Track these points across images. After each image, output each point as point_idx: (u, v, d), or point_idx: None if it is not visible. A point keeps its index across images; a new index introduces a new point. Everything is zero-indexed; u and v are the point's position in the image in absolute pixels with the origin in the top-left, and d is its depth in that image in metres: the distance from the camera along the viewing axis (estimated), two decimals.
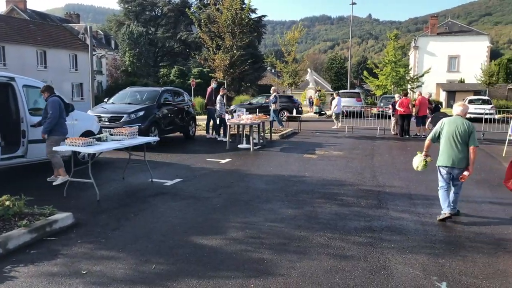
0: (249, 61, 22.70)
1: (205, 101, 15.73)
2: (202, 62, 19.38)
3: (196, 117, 16.58)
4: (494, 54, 72.66)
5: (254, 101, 24.81)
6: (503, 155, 12.21)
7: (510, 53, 65.09)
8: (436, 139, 6.22)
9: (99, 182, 7.69)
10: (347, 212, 6.45)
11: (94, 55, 21.94)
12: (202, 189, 7.71)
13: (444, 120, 6.24)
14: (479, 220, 6.21)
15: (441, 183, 6.19)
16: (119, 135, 7.87)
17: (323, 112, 29.28)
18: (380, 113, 19.98)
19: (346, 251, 4.89)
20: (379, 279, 4.18)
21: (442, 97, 48.92)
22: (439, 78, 50.82)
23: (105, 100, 14.07)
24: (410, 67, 43.14)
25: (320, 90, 34.15)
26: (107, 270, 4.30)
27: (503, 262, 4.67)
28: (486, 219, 6.24)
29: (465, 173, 5.94)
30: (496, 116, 19.97)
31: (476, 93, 42.17)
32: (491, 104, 28.10)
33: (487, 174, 9.46)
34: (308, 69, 37.76)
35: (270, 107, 17.39)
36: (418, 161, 6.59)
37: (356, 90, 38.33)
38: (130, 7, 57.72)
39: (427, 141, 6.47)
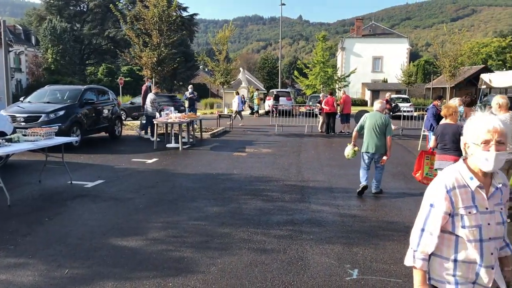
0: (177, 59, 22.35)
1: (141, 100, 15.26)
2: (128, 60, 18.70)
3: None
4: (413, 56, 77.93)
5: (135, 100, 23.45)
6: (418, 149, 13.12)
7: (427, 55, 70.13)
8: (360, 130, 7.47)
9: (12, 186, 7.18)
10: (271, 207, 6.58)
11: (11, 51, 20.40)
12: (125, 190, 7.48)
13: (367, 115, 7.60)
14: (393, 210, 6.63)
15: (363, 165, 7.50)
16: (34, 135, 7.40)
17: (255, 111, 29.65)
18: (308, 111, 20.62)
19: (267, 245, 4.99)
20: (296, 270, 4.31)
21: (367, 96, 51.54)
22: (364, 78, 53.54)
23: (21, 99, 13.15)
24: (337, 67, 44.93)
25: (258, 90, 34.53)
26: (13, 278, 4.03)
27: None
28: (398, 209, 6.67)
29: (384, 157, 7.38)
30: (415, 114, 21.41)
31: (398, 92, 44.92)
32: (410, 102, 30.05)
33: (402, 167, 10.11)
34: (241, 68, 37.97)
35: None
36: (348, 150, 7.69)
37: (287, 90, 39.21)
38: (52, 1, 54.55)
39: (354, 132, 7.56)
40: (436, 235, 2.06)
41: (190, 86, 18.66)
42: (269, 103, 28.13)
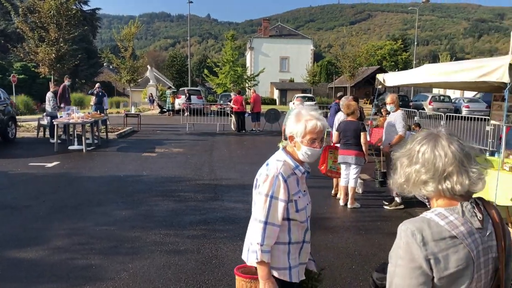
0: (79, 55, 21.02)
1: (58, 100, 13.82)
2: (22, 55, 17.12)
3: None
4: (317, 57, 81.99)
5: None
6: (324, 144, 13.85)
7: (329, 56, 74.30)
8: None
9: None
10: (183, 208, 6.48)
11: None
12: (22, 198, 6.85)
13: (291, 110, 7.81)
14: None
15: None
16: None
17: (165, 110, 29.01)
18: (220, 110, 20.70)
19: (180, 246, 4.92)
20: (210, 269, 4.31)
21: (276, 95, 53.14)
22: (272, 77, 55.09)
23: None
24: (247, 67, 45.72)
25: (170, 88, 33.68)
26: None
27: (316, 237, 5.28)
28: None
29: None
30: (319, 111, 22.62)
31: (304, 91, 46.97)
32: (314, 100, 31.63)
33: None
34: (148, 66, 36.86)
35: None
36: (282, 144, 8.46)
37: (197, 88, 38.96)
38: None
39: (283, 127, 8.11)
40: (278, 224, 2.16)
41: (98, 84, 17.61)
42: (179, 101, 27.68)
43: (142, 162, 10.43)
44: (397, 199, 6.75)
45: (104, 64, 57.91)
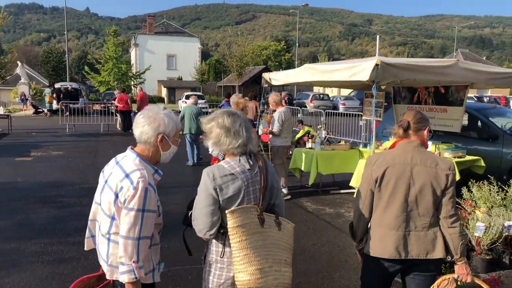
0: None
1: None
2: None
3: None
4: (205, 55, 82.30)
5: None
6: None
7: (217, 55, 75.09)
8: (182, 119, 9.91)
9: None
10: (67, 214, 6.06)
11: None
12: None
13: (185, 106, 10.28)
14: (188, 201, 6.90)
15: (187, 145, 10.03)
16: None
17: (40, 110, 26.55)
18: (104, 109, 19.62)
19: (65, 254, 4.60)
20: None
21: (164, 93, 52.07)
22: (159, 75, 53.84)
23: None
24: (132, 64, 43.96)
25: (50, 86, 30.70)
26: None
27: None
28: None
29: (201, 136, 8.63)
30: (209, 110, 22.84)
31: (192, 89, 46.79)
32: (204, 99, 31.74)
33: (204, 164, 10.68)
34: (19, 62, 33.29)
35: None
36: None
37: (74, 86, 36.31)
38: None
39: (179, 119, 8.91)
40: (150, 236, 2.09)
41: None
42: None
43: (16, 167, 9.46)
44: (284, 190, 7.13)
45: None
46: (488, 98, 36.28)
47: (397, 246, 2.44)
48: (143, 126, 2.15)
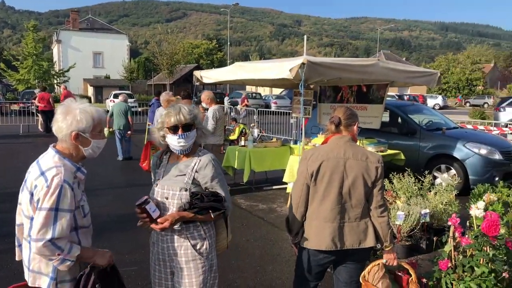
0: None
1: None
2: None
3: None
4: (134, 53, 79.84)
5: None
6: (145, 141, 13.64)
7: (147, 52, 73.02)
8: (111, 116, 10.44)
9: None
10: None
11: None
12: None
13: (114, 104, 10.74)
14: (121, 203, 6.70)
15: (117, 141, 10.55)
16: None
17: None
18: (23, 109, 18.32)
19: None
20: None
21: (90, 92, 49.74)
22: (85, 73, 51.30)
23: None
24: (54, 61, 41.47)
25: None
26: None
27: (141, 236, 5.22)
28: (127, 201, 6.79)
29: (129, 132, 10.64)
30: (139, 109, 22.19)
31: (121, 88, 45.14)
32: (133, 98, 30.79)
33: (131, 161, 10.36)
34: None
35: None
36: (106, 133, 9.62)
37: None
38: None
39: (107, 117, 9.37)
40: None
41: None
42: None
43: None
44: None
45: None
46: (408, 96, 38.90)
47: (333, 238, 2.55)
48: (58, 122, 2.04)
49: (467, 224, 3.15)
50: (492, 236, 2.63)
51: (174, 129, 2.28)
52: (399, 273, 2.92)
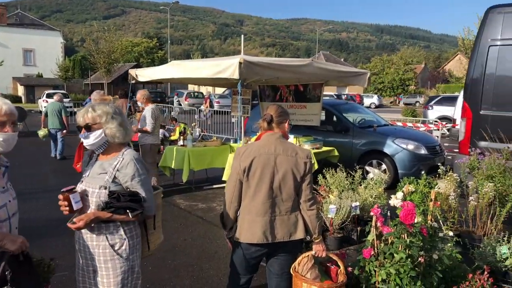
0: None
1: None
2: None
3: None
4: (69, 51, 76.14)
5: None
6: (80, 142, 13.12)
7: (83, 50, 69.93)
8: (45, 116, 10.69)
9: None
10: None
11: None
12: None
13: (48, 105, 10.83)
14: (56, 206, 6.39)
15: (52, 139, 10.80)
16: None
17: None
18: None
19: None
20: None
21: (21, 91, 46.90)
22: (15, 72, 48.31)
23: None
24: None
25: None
26: None
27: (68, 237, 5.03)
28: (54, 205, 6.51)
29: (64, 131, 10.66)
30: (75, 109, 21.31)
31: (55, 87, 42.96)
32: (68, 97, 29.47)
33: (65, 162, 9.94)
34: None
35: None
36: (42, 133, 10.61)
37: None
38: None
39: (42, 116, 10.27)
40: None
41: None
42: None
43: None
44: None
45: None
46: (346, 95, 40.44)
47: (265, 231, 2.64)
48: None
49: (388, 214, 3.36)
50: (408, 224, 2.83)
51: (79, 129, 2.32)
52: (329, 265, 3.07)
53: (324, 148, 7.60)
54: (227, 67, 5.74)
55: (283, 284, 2.83)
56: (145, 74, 7.57)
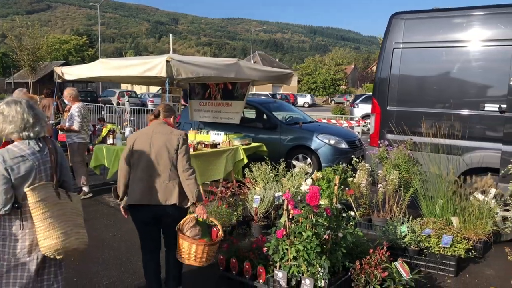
0: None
1: None
2: None
3: None
4: None
5: None
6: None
7: (5, 47, 65.28)
8: None
9: None
10: None
11: None
12: None
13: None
14: None
15: None
16: None
17: None
18: None
19: None
20: None
21: None
22: None
23: None
24: None
25: None
26: None
27: None
28: None
29: None
30: None
31: None
32: None
33: None
34: None
35: None
36: None
37: None
38: None
39: None
40: None
41: None
42: None
43: None
44: (85, 189, 6.97)
45: None
46: (280, 95, 41.46)
47: (142, 194, 3.21)
48: None
49: (299, 199, 3.72)
50: (314, 205, 3.20)
51: None
52: (215, 229, 3.58)
53: (253, 144, 7.93)
54: (155, 65, 5.85)
55: (173, 241, 3.31)
56: (72, 72, 7.45)
